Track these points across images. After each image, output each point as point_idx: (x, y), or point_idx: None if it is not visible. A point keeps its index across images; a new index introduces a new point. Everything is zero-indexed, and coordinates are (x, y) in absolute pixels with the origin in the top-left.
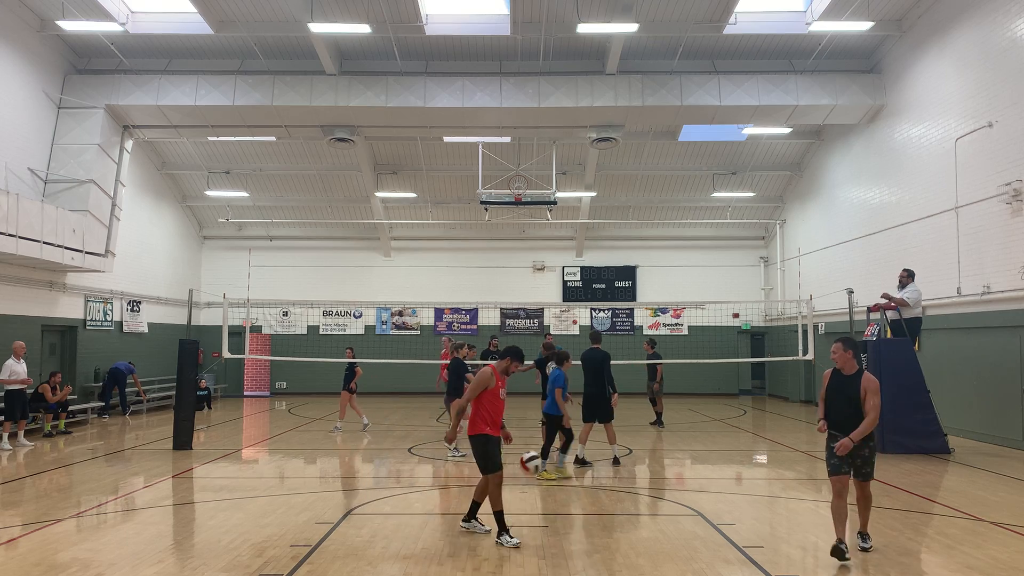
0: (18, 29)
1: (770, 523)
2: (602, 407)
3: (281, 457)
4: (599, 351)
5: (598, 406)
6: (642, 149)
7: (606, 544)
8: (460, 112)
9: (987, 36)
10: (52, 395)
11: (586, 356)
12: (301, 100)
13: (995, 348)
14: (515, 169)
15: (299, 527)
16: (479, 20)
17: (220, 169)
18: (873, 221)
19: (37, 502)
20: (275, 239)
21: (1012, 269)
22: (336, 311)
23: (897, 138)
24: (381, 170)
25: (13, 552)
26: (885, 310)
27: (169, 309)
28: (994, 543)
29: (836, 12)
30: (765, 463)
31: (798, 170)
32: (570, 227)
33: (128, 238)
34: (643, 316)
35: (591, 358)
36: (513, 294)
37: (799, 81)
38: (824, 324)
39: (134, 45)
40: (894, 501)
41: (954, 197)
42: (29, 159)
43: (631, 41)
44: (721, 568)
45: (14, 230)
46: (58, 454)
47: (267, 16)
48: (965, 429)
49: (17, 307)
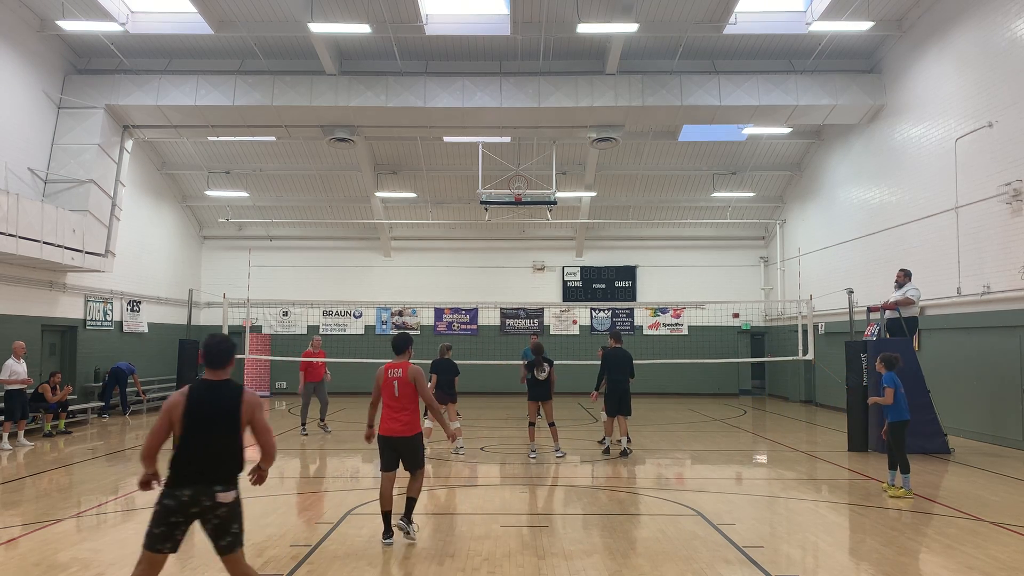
0: (18, 29)
1: (770, 523)
2: (625, 402)
3: (281, 457)
4: (622, 350)
5: (622, 401)
6: (642, 149)
7: (606, 544)
8: (460, 112)
9: (987, 36)
10: (52, 395)
11: (611, 354)
12: (301, 100)
13: (995, 348)
14: (515, 169)
15: (299, 527)
16: (479, 20)
17: (220, 169)
18: (873, 221)
19: (37, 502)
20: (275, 239)
21: (1012, 269)
22: (336, 311)
23: (897, 138)
24: (381, 170)
25: (13, 552)
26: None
27: (169, 309)
28: (994, 543)
29: (836, 12)
30: (765, 463)
31: (798, 170)
32: (570, 227)
33: (128, 238)
34: (643, 316)
35: (616, 356)
36: (513, 294)
37: (799, 81)
38: (824, 324)
39: (134, 45)
40: (894, 501)
41: (954, 197)
42: (29, 159)
43: (631, 41)
44: (721, 568)
45: (14, 230)
46: (58, 454)
47: (267, 16)
48: (965, 429)
49: (17, 307)
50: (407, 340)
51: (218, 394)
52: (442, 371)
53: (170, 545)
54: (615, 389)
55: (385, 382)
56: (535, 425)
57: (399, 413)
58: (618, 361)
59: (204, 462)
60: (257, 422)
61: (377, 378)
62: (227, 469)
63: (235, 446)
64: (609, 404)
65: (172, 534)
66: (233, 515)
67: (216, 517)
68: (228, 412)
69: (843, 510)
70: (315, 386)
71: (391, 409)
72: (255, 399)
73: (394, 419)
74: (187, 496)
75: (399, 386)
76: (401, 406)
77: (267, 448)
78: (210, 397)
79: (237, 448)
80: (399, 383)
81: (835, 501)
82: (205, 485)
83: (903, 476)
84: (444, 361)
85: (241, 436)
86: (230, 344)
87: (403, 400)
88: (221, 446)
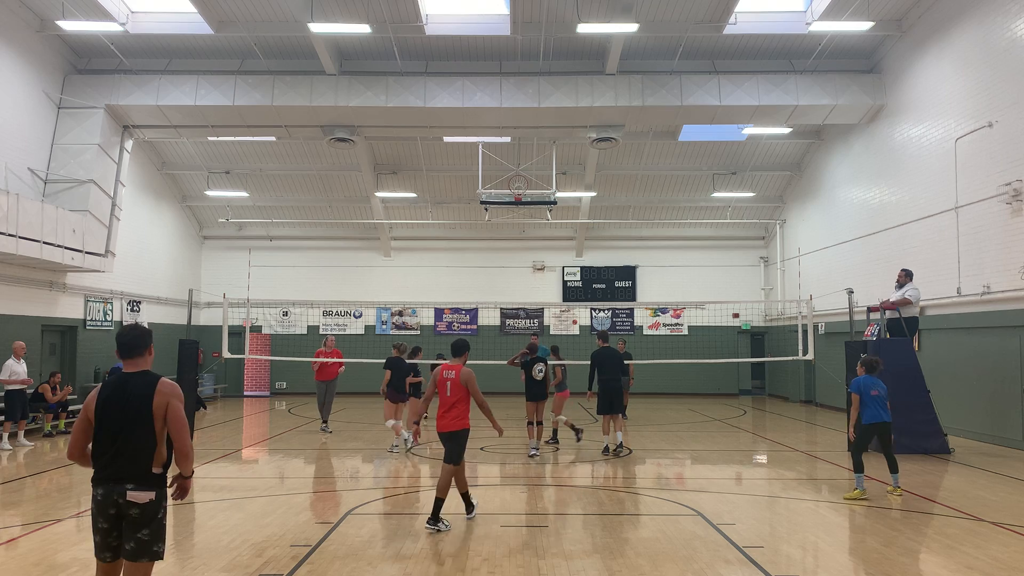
0: (18, 29)
1: (770, 523)
2: (616, 402)
3: (281, 457)
4: (610, 348)
5: (612, 400)
6: (642, 149)
7: (606, 544)
8: (460, 112)
9: (987, 36)
10: (52, 395)
11: (598, 354)
12: (301, 100)
13: (995, 348)
14: (515, 169)
15: (299, 527)
16: (479, 20)
17: (220, 169)
18: (873, 221)
19: (37, 502)
20: (275, 239)
21: (1012, 269)
22: (336, 311)
23: (897, 138)
24: (381, 170)
25: (13, 552)
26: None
27: (169, 309)
28: (994, 543)
29: (836, 12)
30: (765, 463)
31: (798, 170)
32: (570, 227)
33: (128, 238)
34: (643, 316)
35: (605, 355)
36: (513, 294)
37: (799, 81)
38: (824, 324)
39: (134, 45)
40: (892, 501)
41: (954, 197)
42: (29, 159)
43: (631, 41)
44: (721, 568)
45: (14, 230)
46: (58, 454)
47: (267, 16)
48: (965, 429)
49: (17, 307)
50: (464, 346)
51: (129, 385)
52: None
53: (109, 554)
54: (605, 388)
55: (440, 381)
56: (534, 424)
57: (449, 410)
58: (606, 361)
59: (114, 458)
60: (172, 412)
61: (433, 377)
62: (139, 465)
63: (147, 440)
64: (600, 403)
65: (105, 540)
66: (145, 519)
67: (128, 517)
68: (138, 403)
69: (843, 510)
70: (325, 385)
71: (443, 407)
72: (171, 388)
73: (444, 415)
74: (100, 495)
75: (451, 386)
76: (451, 404)
77: (179, 445)
78: (121, 389)
79: (150, 442)
80: (451, 384)
81: (835, 501)
82: (116, 483)
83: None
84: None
85: (155, 430)
86: (141, 331)
87: (453, 399)
88: (132, 440)
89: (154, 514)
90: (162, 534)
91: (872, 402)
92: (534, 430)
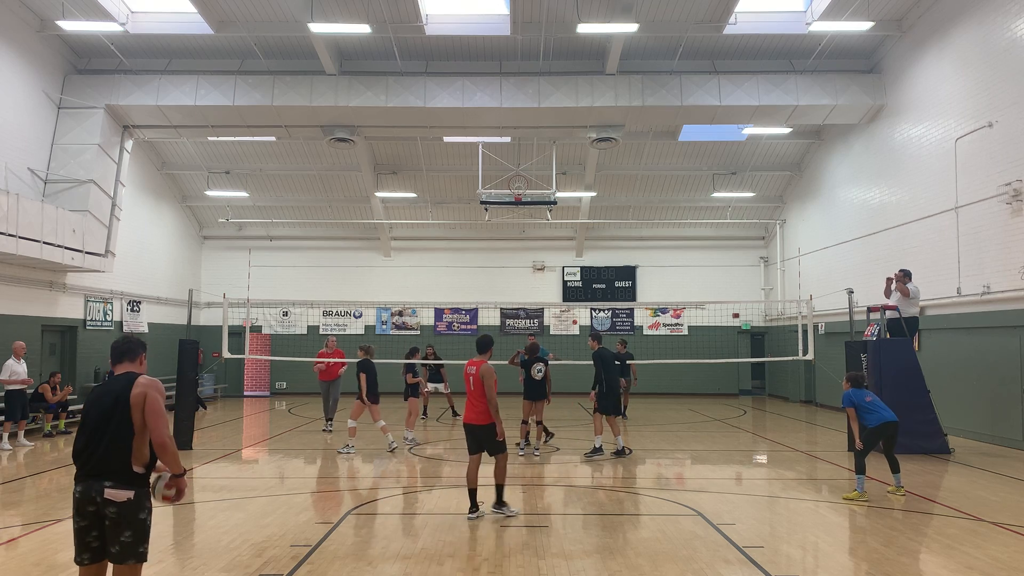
0: (18, 29)
1: (770, 523)
2: (612, 401)
3: (281, 457)
4: (605, 349)
5: (608, 400)
6: (642, 149)
7: (606, 544)
8: (460, 112)
9: (987, 36)
10: (52, 395)
11: (597, 355)
12: (301, 100)
13: (995, 348)
14: (515, 169)
15: (299, 527)
16: (479, 20)
17: (220, 169)
18: (873, 221)
19: (37, 502)
20: (275, 239)
21: (1012, 269)
22: (336, 311)
23: (897, 138)
24: (381, 170)
25: (13, 552)
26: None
27: (169, 309)
28: (994, 543)
29: (836, 12)
30: (765, 463)
31: (798, 170)
32: (570, 227)
33: (128, 238)
34: (643, 316)
35: (607, 356)
36: (513, 294)
37: (799, 81)
38: (824, 324)
39: (134, 45)
40: (895, 501)
41: (954, 197)
42: (29, 159)
43: (631, 41)
44: (721, 568)
45: (14, 230)
46: (58, 454)
47: (267, 16)
48: (965, 429)
49: (17, 307)
50: (488, 342)
51: (112, 384)
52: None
53: (87, 556)
54: (612, 388)
55: (465, 376)
56: (528, 423)
57: (475, 404)
58: (609, 361)
59: (92, 454)
60: (149, 402)
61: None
62: (117, 462)
63: (124, 432)
64: (609, 403)
65: (83, 540)
66: (126, 519)
67: (107, 517)
68: (116, 398)
69: (843, 510)
70: (328, 385)
71: (469, 401)
72: (150, 381)
73: (471, 408)
74: (79, 492)
75: (472, 381)
76: (475, 398)
77: (155, 436)
78: (104, 388)
79: (127, 434)
80: (472, 379)
81: (835, 501)
82: (94, 480)
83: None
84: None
85: (133, 421)
86: (135, 341)
87: (476, 393)
88: (109, 432)
89: (135, 515)
90: (146, 535)
91: (872, 407)
92: (526, 429)
